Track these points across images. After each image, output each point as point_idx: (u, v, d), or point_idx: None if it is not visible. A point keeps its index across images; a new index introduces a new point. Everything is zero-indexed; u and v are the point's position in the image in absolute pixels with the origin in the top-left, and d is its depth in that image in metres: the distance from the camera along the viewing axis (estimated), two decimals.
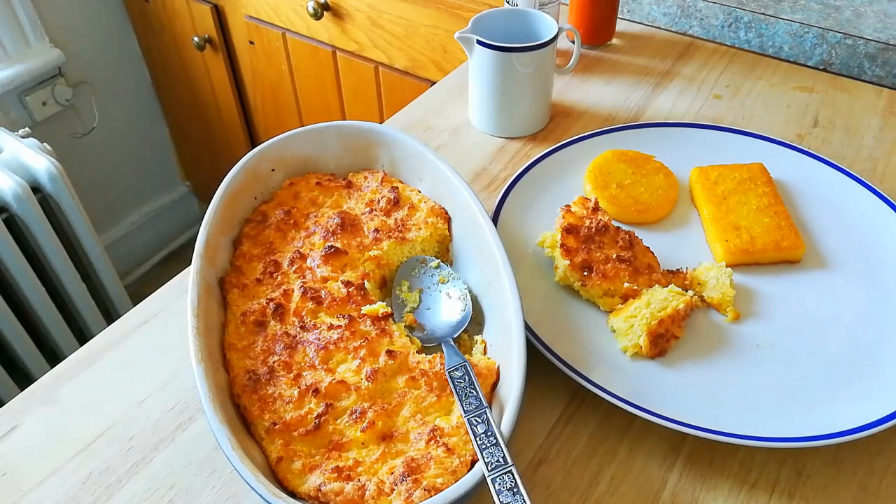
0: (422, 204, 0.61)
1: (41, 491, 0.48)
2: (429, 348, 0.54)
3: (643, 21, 1.00)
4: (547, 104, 0.80)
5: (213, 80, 1.62)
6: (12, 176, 1.26)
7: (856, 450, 0.50)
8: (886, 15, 0.84)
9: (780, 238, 0.61)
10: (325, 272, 0.56)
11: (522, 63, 0.73)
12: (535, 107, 0.78)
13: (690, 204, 0.68)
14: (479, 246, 0.56)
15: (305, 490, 0.44)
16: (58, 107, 1.64)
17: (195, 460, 0.50)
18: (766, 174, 0.67)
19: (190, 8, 1.50)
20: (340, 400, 0.48)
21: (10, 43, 1.52)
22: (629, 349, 0.54)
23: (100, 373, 0.56)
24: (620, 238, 0.59)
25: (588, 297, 0.58)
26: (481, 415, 0.44)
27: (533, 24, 0.77)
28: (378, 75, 1.27)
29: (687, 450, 0.50)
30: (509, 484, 0.40)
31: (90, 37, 1.68)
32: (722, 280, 0.58)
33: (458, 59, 1.11)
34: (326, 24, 1.28)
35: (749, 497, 0.48)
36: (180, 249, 2.07)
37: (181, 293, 0.62)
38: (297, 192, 0.62)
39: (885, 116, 0.80)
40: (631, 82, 0.87)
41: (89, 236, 1.41)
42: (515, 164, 0.75)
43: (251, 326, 0.52)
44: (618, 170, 0.69)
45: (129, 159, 1.90)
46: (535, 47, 0.72)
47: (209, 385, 0.45)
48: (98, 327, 1.47)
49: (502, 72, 0.74)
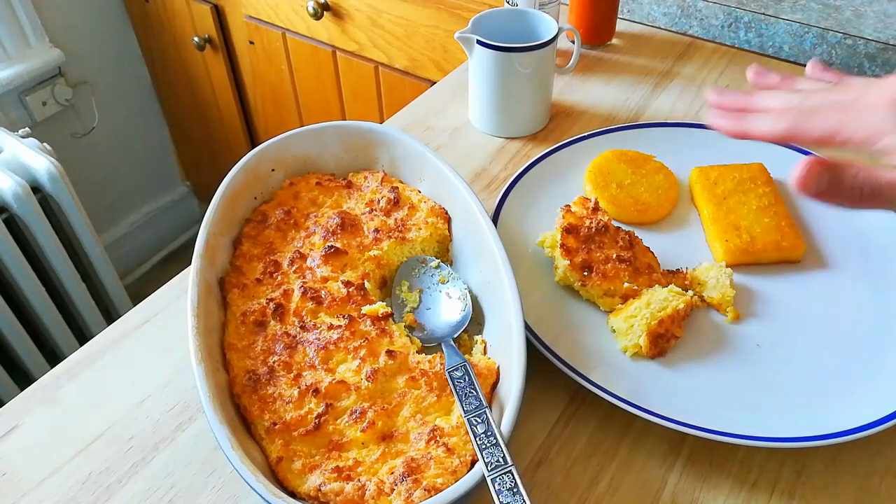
0: (422, 204, 0.61)
1: (41, 491, 0.48)
2: (429, 348, 0.54)
3: (643, 21, 1.00)
4: (547, 104, 0.80)
5: (213, 80, 1.62)
6: (12, 176, 1.26)
7: (856, 450, 0.50)
8: (886, 15, 0.84)
9: (780, 238, 0.61)
10: (325, 272, 0.56)
11: (522, 63, 0.73)
12: (534, 107, 0.78)
13: (690, 204, 0.68)
14: (479, 246, 0.56)
15: (305, 490, 0.44)
16: (58, 107, 1.64)
17: (195, 460, 0.50)
18: (766, 174, 0.67)
19: (190, 8, 1.50)
20: (340, 400, 0.48)
21: (10, 43, 1.52)
22: (629, 349, 0.54)
23: (100, 373, 0.56)
24: (620, 238, 0.59)
25: (588, 297, 0.58)
26: (481, 415, 0.44)
27: (533, 24, 0.77)
28: (378, 75, 1.27)
29: (687, 450, 0.50)
30: (509, 484, 0.40)
31: (90, 37, 1.68)
32: (722, 280, 0.58)
33: (458, 59, 1.11)
34: (326, 24, 1.28)
35: (749, 497, 0.48)
36: (180, 249, 2.07)
37: (181, 293, 0.62)
38: (297, 192, 0.62)
39: None
40: (631, 82, 0.87)
41: (89, 236, 1.41)
42: (515, 164, 0.75)
43: (251, 326, 0.52)
44: (618, 170, 0.69)
45: (129, 159, 1.90)
46: (535, 47, 0.72)
47: (209, 385, 0.45)
48: (98, 327, 1.47)
49: (502, 72, 0.74)
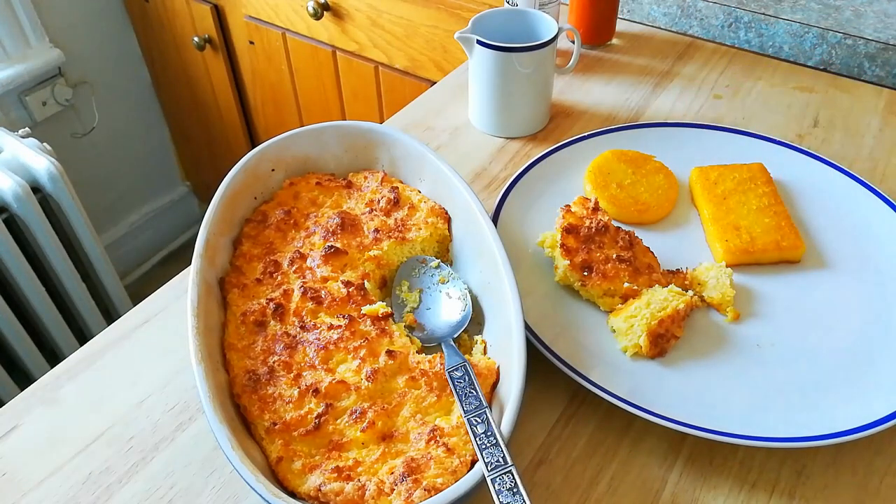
0: (422, 204, 0.61)
1: (41, 491, 0.48)
2: (429, 348, 0.54)
3: (643, 21, 1.00)
4: (547, 104, 0.80)
5: (213, 80, 1.62)
6: (12, 176, 1.26)
7: (856, 450, 0.50)
8: (886, 15, 0.84)
9: (780, 238, 0.61)
10: (325, 272, 0.56)
11: (522, 63, 0.73)
12: (535, 107, 0.78)
13: (690, 204, 0.68)
14: (479, 246, 0.56)
15: (305, 490, 0.44)
16: (58, 107, 1.64)
17: (195, 460, 0.50)
18: (766, 174, 0.67)
19: (190, 8, 1.50)
20: (340, 400, 0.48)
21: (10, 43, 1.52)
22: (629, 349, 0.54)
23: (100, 373, 0.56)
24: (620, 238, 0.59)
25: (588, 297, 0.58)
26: (481, 415, 0.44)
27: (533, 24, 0.77)
28: (378, 75, 1.27)
29: (687, 450, 0.50)
30: (509, 484, 0.40)
31: (90, 37, 1.68)
32: (722, 280, 0.58)
33: (458, 59, 1.11)
34: (326, 24, 1.28)
35: (749, 497, 0.48)
36: (180, 249, 2.07)
37: (181, 293, 0.62)
38: (297, 192, 0.62)
39: (885, 116, 0.80)
40: (631, 82, 0.87)
41: (89, 236, 1.41)
42: (515, 164, 0.75)
43: (251, 326, 0.52)
44: (618, 170, 0.69)
45: (129, 159, 1.90)
46: (535, 47, 0.72)
47: (209, 385, 0.45)
48: (98, 327, 1.47)
49: (502, 72, 0.74)
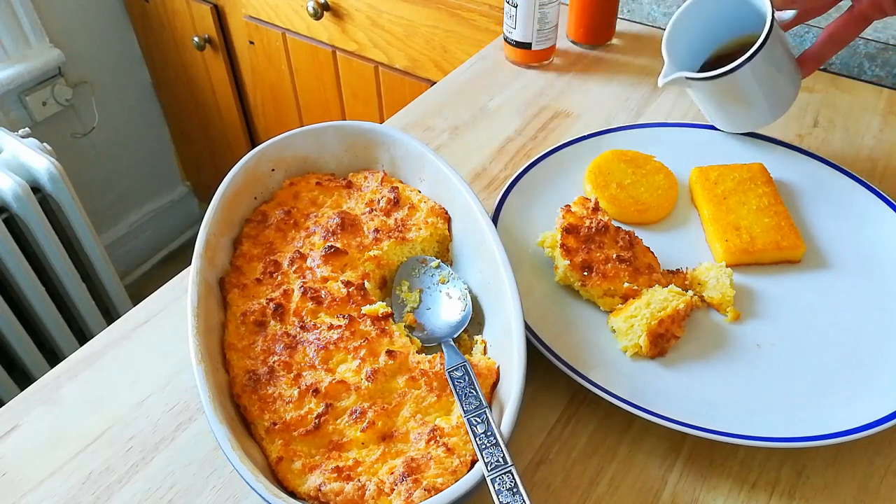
0: (422, 204, 0.61)
1: (41, 491, 0.48)
2: (429, 348, 0.54)
3: (643, 21, 1.00)
4: (798, 78, 0.70)
5: (213, 80, 1.62)
6: (12, 176, 1.26)
7: (856, 450, 0.50)
8: None
9: (780, 238, 0.61)
10: (325, 272, 0.56)
11: (755, 71, 0.64)
12: (792, 83, 0.70)
13: (690, 204, 0.68)
14: (479, 246, 0.56)
15: (305, 490, 0.44)
16: (58, 107, 1.64)
17: (195, 460, 0.50)
18: (766, 174, 0.67)
19: (190, 8, 1.50)
20: (340, 400, 0.48)
21: (10, 43, 1.52)
22: (629, 349, 0.54)
23: (100, 373, 0.56)
24: (620, 238, 0.59)
25: (588, 297, 0.58)
26: (481, 415, 0.44)
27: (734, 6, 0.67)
28: (378, 75, 1.27)
29: (687, 450, 0.50)
30: (509, 484, 0.40)
31: (90, 37, 1.68)
32: (722, 280, 0.58)
33: (458, 60, 1.12)
34: (326, 24, 1.28)
35: (749, 497, 0.48)
36: (180, 249, 2.07)
37: (181, 293, 0.62)
38: (297, 192, 0.62)
39: (885, 116, 0.80)
40: (631, 82, 0.87)
41: (89, 236, 1.41)
42: (515, 164, 0.75)
43: (251, 326, 0.52)
44: (618, 170, 0.69)
45: (129, 159, 1.90)
46: (753, 54, 0.63)
47: (209, 385, 0.45)
48: (98, 327, 1.47)
49: (732, 92, 0.67)
